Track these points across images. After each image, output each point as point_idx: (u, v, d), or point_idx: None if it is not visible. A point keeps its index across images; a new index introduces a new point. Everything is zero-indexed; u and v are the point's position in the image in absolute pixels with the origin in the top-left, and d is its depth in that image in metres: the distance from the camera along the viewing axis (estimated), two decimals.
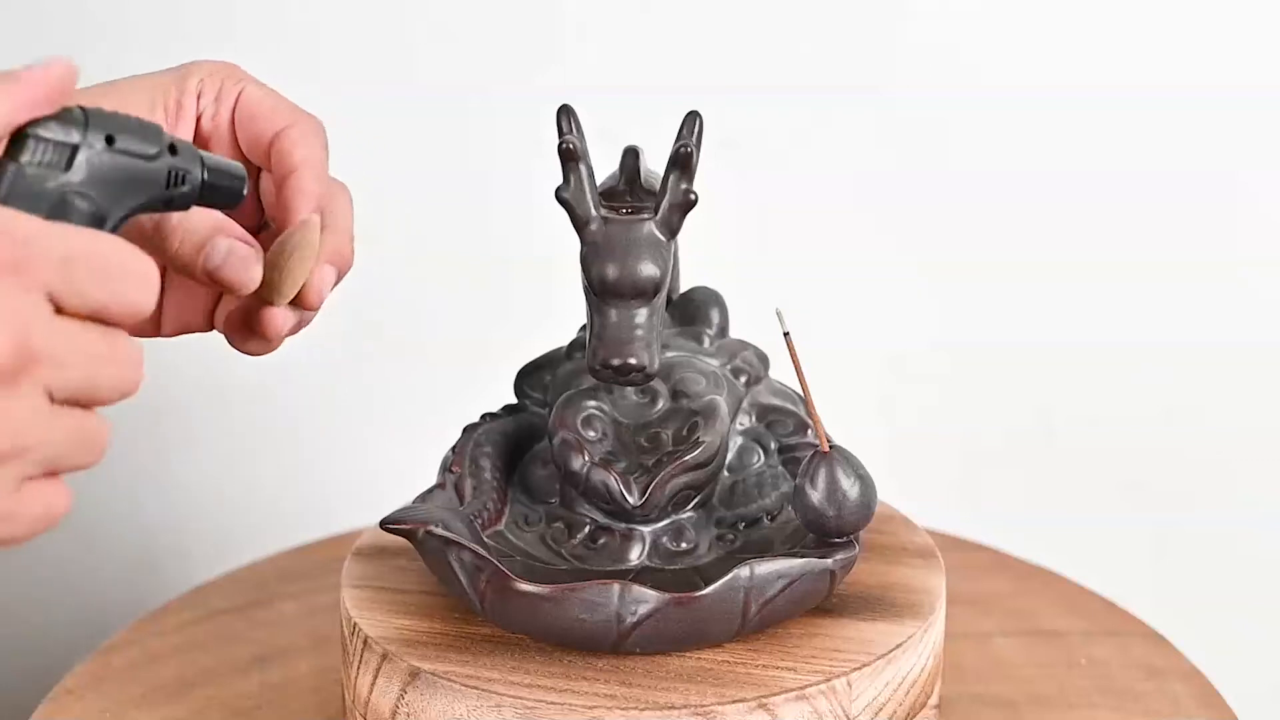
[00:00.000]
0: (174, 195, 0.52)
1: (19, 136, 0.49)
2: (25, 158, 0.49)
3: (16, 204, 0.48)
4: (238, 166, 0.55)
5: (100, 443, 0.49)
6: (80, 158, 0.50)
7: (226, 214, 0.56)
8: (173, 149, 0.52)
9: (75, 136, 0.50)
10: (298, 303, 0.58)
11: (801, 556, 0.65)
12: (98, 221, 0.50)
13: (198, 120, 0.61)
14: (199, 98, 0.61)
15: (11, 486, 0.47)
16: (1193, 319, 1.13)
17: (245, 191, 0.55)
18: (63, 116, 0.50)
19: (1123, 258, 1.12)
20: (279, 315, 0.58)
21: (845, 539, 0.66)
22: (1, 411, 0.46)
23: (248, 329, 0.59)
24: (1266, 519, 1.17)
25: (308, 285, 0.58)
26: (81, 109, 0.50)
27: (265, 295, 0.57)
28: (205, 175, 0.53)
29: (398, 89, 1.08)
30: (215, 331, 0.61)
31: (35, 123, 0.49)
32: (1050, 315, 1.14)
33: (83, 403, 0.48)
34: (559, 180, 0.67)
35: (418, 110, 1.08)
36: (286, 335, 0.59)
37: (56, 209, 0.49)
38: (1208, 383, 1.14)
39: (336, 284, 0.59)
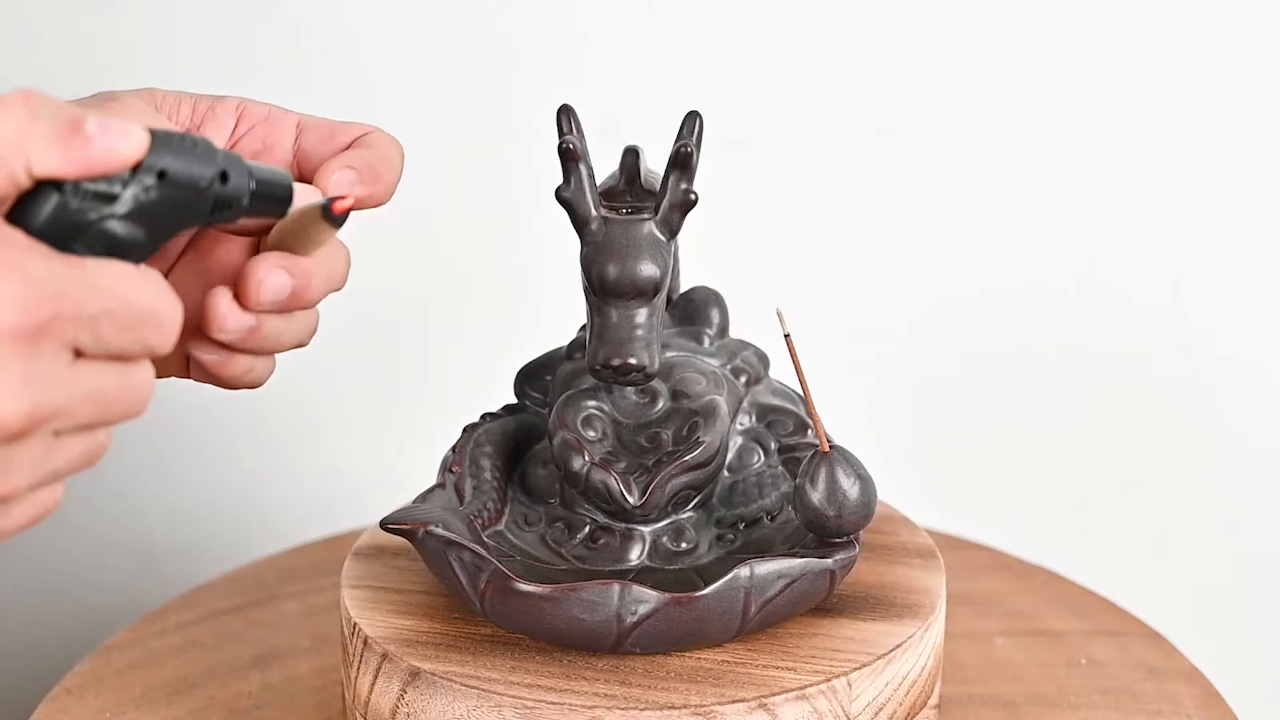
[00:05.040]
0: (218, 219, 0.51)
1: None
2: (69, 187, 0.47)
3: (52, 235, 0.47)
4: (285, 176, 0.54)
5: (101, 451, 0.50)
6: (128, 193, 0.48)
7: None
8: (224, 176, 0.50)
9: (126, 175, 0.48)
10: (239, 294, 0.55)
11: (801, 556, 0.65)
12: (136, 247, 0.49)
13: (236, 140, 0.60)
14: (240, 116, 0.60)
15: (3, 513, 0.48)
16: (1192, 319, 1.13)
17: (292, 201, 0.54)
18: None
19: (1123, 257, 1.12)
20: (222, 304, 0.55)
21: (845, 539, 0.66)
22: (2, 466, 0.46)
23: (201, 334, 0.56)
24: (1266, 519, 1.17)
25: (247, 275, 0.55)
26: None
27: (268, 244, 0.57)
28: (253, 186, 0.52)
29: (396, 89, 1.08)
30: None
31: None
32: (1051, 315, 1.14)
33: (89, 430, 0.49)
34: (559, 180, 0.67)
35: (416, 110, 1.08)
36: (239, 343, 0.56)
37: (94, 241, 0.48)
38: (1208, 382, 1.14)
39: (290, 306, 0.56)
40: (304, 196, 0.56)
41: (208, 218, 0.51)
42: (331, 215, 0.54)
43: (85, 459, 0.49)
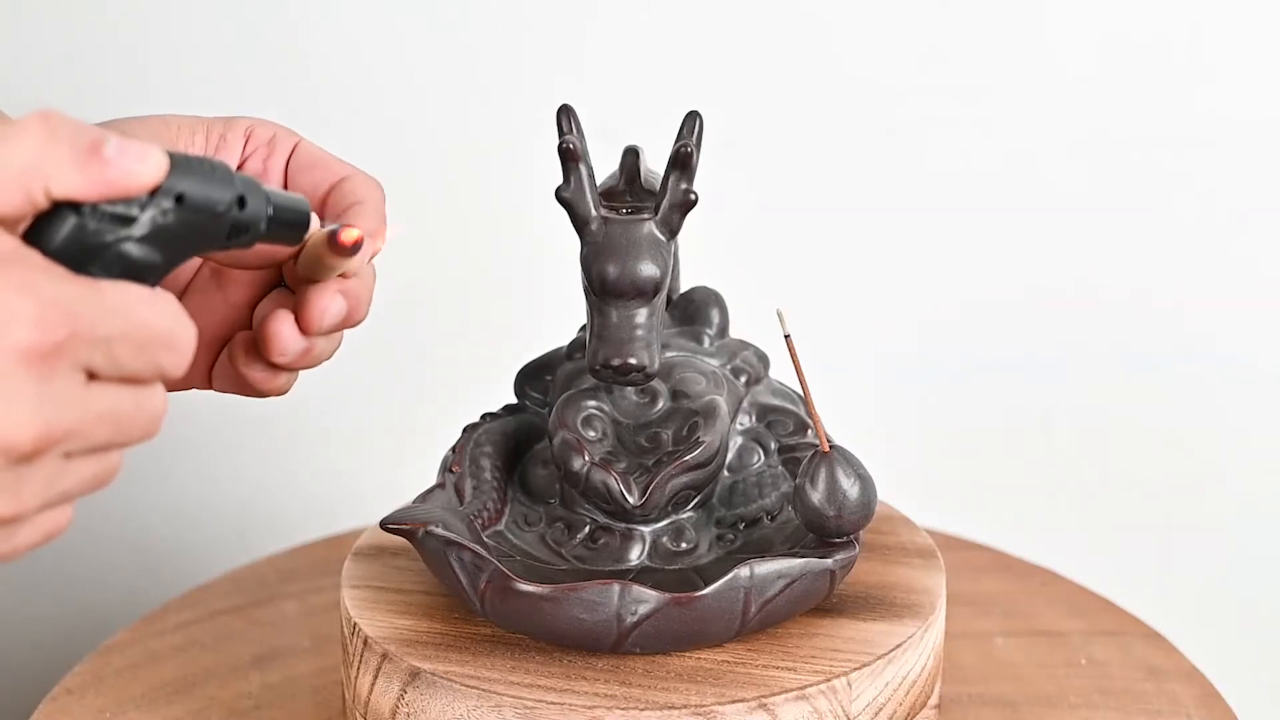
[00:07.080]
0: (234, 244, 0.51)
1: None
2: (87, 209, 0.47)
3: (69, 256, 0.47)
4: (303, 203, 0.54)
5: (113, 474, 0.50)
6: (145, 216, 0.48)
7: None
8: (241, 201, 0.50)
9: (144, 198, 0.48)
10: (301, 321, 0.57)
11: (801, 556, 0.65)
12: (152, 270, 0.48)
13: (242, 162, 0.60)
14: (248, 139, 0.61)
15: (11, 534, 0.48)
16: (1192, 319, 1.13)
17: (309, 228, 0.54)
18: None
19: (1123, 258, 1.12)
20: (285, 329, 0.57)
21: (845, 539, 0.66)
22: (12, 486, 0.46)
23: (254, 354, 0.58)
24: (1266, 519, 1.17)
25: (310, 304, 0.57)
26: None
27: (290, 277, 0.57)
28: (270, 212, 0.52)
29: (398, 88, 1.08)
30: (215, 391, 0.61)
31: None
32: (1051, 315, 1.13)
33: (100, 452, 0.49)
34: (559, 180, 0.67)
35: (417, 110, 1.08)
36: (293, 363, 0.58)
37: (111, 263, 0.47)
38: (1208, 382, 1.14)
39: (342, 327, 0.58)
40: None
41: (224, 242, 0.51)
42: (338, 246, 0.55)
43: (96, 481, 0.49)
